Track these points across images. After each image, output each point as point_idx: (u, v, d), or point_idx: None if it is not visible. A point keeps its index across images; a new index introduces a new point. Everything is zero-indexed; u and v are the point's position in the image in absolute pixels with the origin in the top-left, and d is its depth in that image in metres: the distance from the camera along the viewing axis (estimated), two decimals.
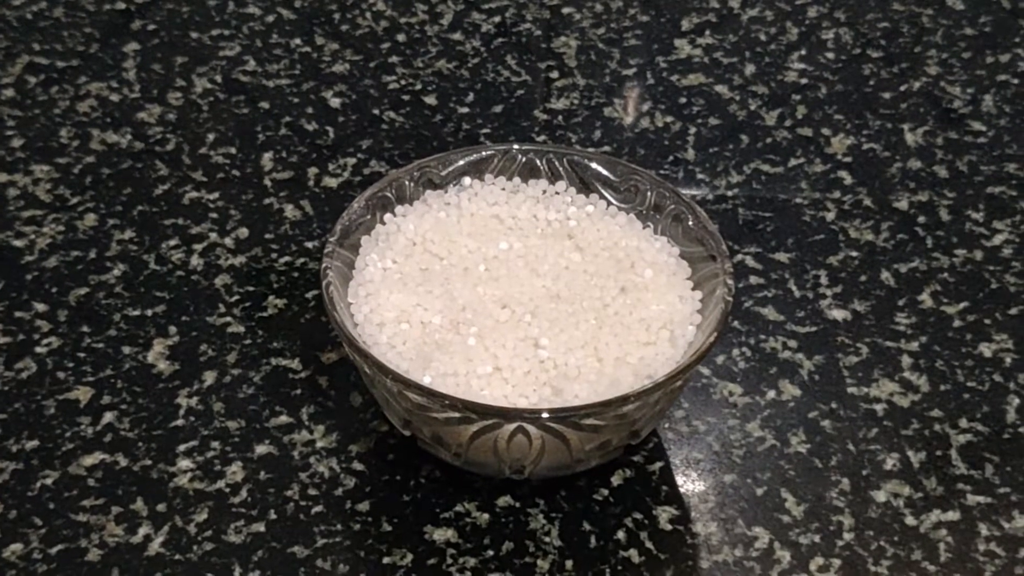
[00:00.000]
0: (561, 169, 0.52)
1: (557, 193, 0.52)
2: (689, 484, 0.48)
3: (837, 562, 0.46)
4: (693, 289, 0.48)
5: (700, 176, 0.63)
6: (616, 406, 0.42)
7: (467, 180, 0.52)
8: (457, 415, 0.42)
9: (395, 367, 0.44)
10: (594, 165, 0.52)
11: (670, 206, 0.50)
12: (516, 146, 0.52)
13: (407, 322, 0.47)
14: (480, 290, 0.48)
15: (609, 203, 0.52)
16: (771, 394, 0.52)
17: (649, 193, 0.51)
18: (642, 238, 0.50)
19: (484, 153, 0.52)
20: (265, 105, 0.67)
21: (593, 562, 0.46)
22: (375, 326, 0.46)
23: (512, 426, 0.42)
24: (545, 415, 0.42)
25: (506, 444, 0.43)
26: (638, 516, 0.47)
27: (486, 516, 0.47)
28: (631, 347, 0.46)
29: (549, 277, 0.48)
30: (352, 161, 0.63)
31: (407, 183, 0.51)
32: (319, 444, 0.49)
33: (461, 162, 0.52)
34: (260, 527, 0.46)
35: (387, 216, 0.50)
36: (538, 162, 0.52)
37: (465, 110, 0.67)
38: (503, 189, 0.52)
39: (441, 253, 0.49)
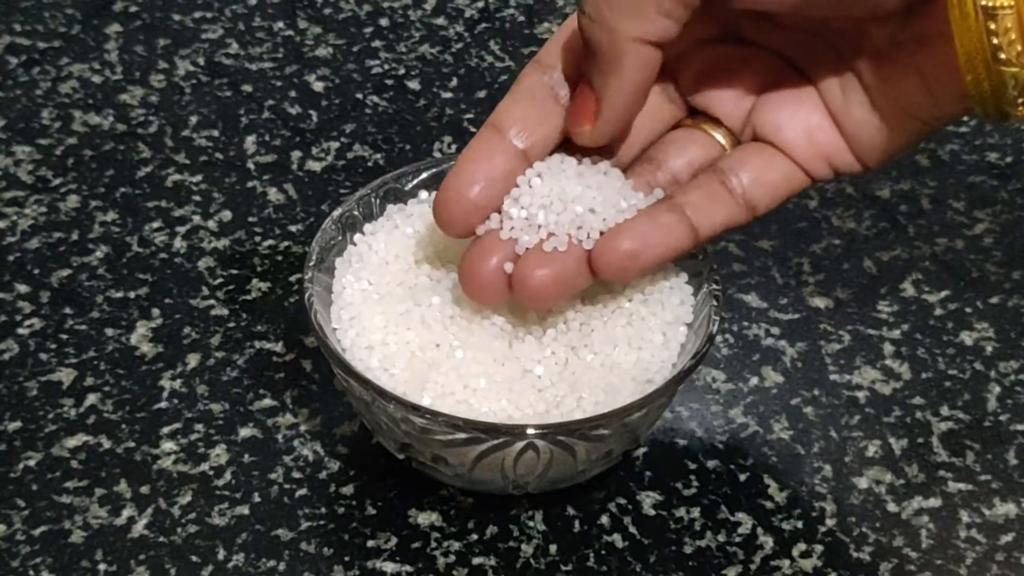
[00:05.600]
0: None
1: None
2: (672, 470, 0.49)
3: (819, 548, 0.46)
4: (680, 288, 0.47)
5: None
6: (624, 414, 0.41)
7: (424, 194, 0.50)
8: (464, 436, 0.41)
9: (392, 390, 0.42)
10: None
11: None
12: None
13: (393, 342, 0.45)
14: (461, 304, 0.45)
15: None
16: (754, 381, 0.52)
17: None
18: None
19: (444, 167, 0.49)
20: (248, 88, 0.66)
21: (577, 546, 0.46)
22: (364, 350, 0.44)
23: (522, 443, 0.41)
24: (553, 429, 0.41)
25: (513, 461, 0.42)
26: (622, 501, 0.47)
27: (470, 500, 0.47)
28: (624, 351, 0.44)
29: None
30: (335, 145, 0.63)
31: (373, 200, 0.49)
32: (303, 427, 0.49)
33: (424, 175, 0.50)
34: (244, 510, 0.46)
35: (357, 236, 0.48)
36: None
37: (448, 95, 0.67)
38: None
39: (415, 269, 0.47)
